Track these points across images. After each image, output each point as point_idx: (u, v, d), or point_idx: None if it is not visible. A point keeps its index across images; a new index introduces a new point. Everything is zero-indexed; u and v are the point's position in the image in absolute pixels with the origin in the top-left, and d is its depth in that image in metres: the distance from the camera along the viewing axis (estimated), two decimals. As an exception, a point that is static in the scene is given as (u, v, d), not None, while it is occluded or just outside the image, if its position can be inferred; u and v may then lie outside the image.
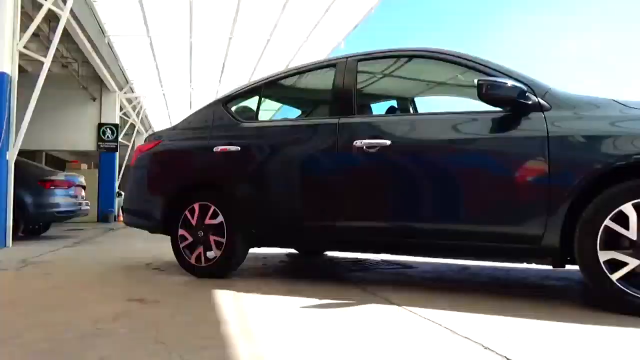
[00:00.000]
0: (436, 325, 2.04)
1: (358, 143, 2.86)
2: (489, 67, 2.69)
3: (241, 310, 2.39)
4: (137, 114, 15.79)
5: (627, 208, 2.17)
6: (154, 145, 3.84)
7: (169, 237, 3.57)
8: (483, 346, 1.74)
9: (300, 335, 1.95)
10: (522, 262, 2.62)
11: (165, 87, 14.25)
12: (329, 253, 4.78)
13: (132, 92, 14.35)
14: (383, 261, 4.24)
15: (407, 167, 2.76)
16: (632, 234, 2.16)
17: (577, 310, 2.34)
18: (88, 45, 9.74)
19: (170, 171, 3.70)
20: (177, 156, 3.71)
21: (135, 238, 7.19)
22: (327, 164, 3.00)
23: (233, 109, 3.67)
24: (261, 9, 9.16)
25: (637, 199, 2.16)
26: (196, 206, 3.42)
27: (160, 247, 5.33)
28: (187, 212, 3.45)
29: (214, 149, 3.41)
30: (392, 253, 3.18)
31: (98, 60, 10.79)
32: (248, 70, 12.56)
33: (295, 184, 3.14)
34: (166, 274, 3.56)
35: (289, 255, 4.81)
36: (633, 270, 2.16)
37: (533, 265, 3.24)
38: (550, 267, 2.58)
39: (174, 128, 3.91)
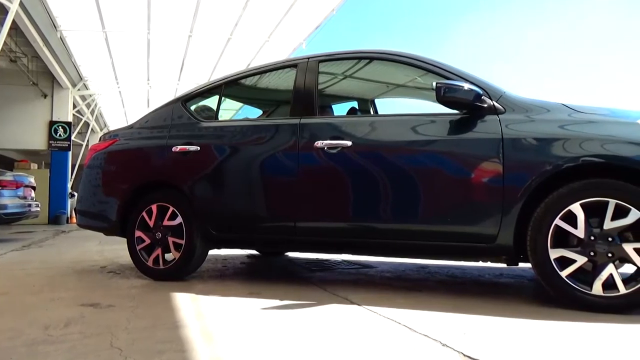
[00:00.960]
0: (395, 324, 2.07)
1: (319, 144, 2.87)
2: (447, 71, 2.76)
3: (200, 312, 2.35)
4: (92, 112, 15.24)
5: (576, 208, 2.27)
6: (109, 145, 3.72)
7: (125, 240, 3.47)
8: (441, 343, 1.78)
9: (260, 337, 1.93)
10: (478, 260, 2.70)
11: (122, 84, 13.83)
12: (290, 254, 4.77)
13: (87, 89, 13.85)
14: (344, 261, 4.26)
15: (367, 168, 2.79)
16: (580, 232, 2.26)
17: (530, 306, 2.43)
18: (38, 39, 9.34)
19: (126, 171, 3.59)
20: (133, 156, 3.60)
21: (89, 240, 6.94)
22: (288, 165, 2.99)
23: (192, 108, 3.60)
24: (222, 6, 9.05)
25: (585, 199, 2.26)
26: (154, 207, 3.33)
27: (115, 249, 5.17)
28: (144, 214, 3.36)
29: (173, 149, 3.34)
30: (352, 253, 3.21)
31: (49, 55, 10.35)
32: (208, 69, 12.37)
33: (256, 184, 3.11)
34: (122, 278, 3.45)
35: (249, 256, 4.77)
36: (581, 267, 2.27)
37: (488, 264, 3.35)
38: (504, 265, 2.67)
39: (131, 127, 3.80)
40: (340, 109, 3.83)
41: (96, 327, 2.06)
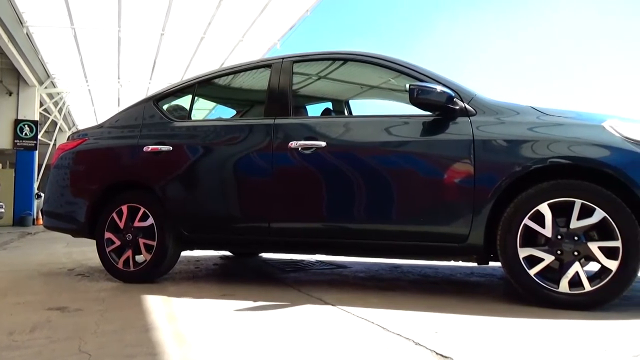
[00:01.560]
0: (369, 323, 2.08)
1: (293, 144, 2.86)
2: (420, 73, 2.79)
3: (172, 315, 2.31)
4: (59, 111, 14.83)
5: (543, 208, 2.33)
6: (78, 144, 3.63)
7: (94, 241, 3.38)
8: (414, 342, 1.80)
9: (234, 339, 1.91)
10: (450, 259, 2.74)
11: (91, 82, 13.51)
12: (264, 254, 4.75)
13: (54, 87, 13.47)
14: (318, 262, 4.27)
15: (341, 169, 2.80)
16: (547, 231, 2.33)
17: (500, 304, 2.48)
18: (3, 35, 9.04)
19: (96, 171, 3.51)
20: (103, 155, 3.52)
21: (56, 242, 6.75)
22: (262, 165, 2.98)
23: (165, 107, 3.55)
24: (195, 5, 8.94)
25: (552, 199, 2.33)
26: (124, 208, 3.27)
27: (84, 251, 5.05)
28: (114, 215, 3.29)
29: (144, 149, 3.28)
30: (327, 253, 3.21)
31: (15, 52, 10.03)
32: (181, 68, 12.21)
33: (230, 185, 3.08)
34: (91, 280, 3.37)
35: (223, 257, 4.73)
36: (548, 265, 2.33)
37: (460, 263, 3.40)
38: (475, 264, 2.72)
39: (101, 126, 3.71)
40: (314, 110, 3.83)
41: (63, 332, 2.00)
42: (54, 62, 11.84)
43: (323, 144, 2.81)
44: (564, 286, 2.28)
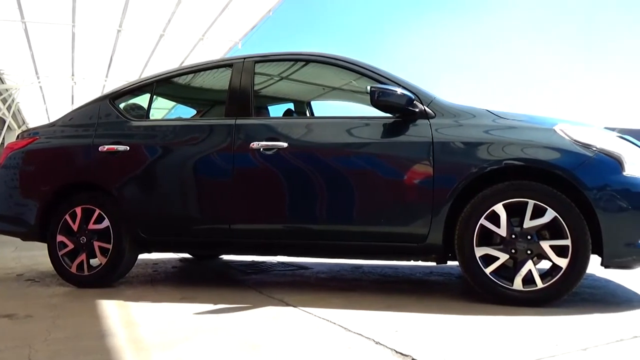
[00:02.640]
0: (331, 324, 2.09)
1: (255, 145, 2.84)
2: (381, 75, 2.83)
3: (129, 320, 2.25)
4: (8, 108, 14.15)
5: (499, 208, 2.41)
6: (28, 143, 3.47)
7: (45, 245, 3.24)
8: (374, 341, 1.82)
9: (193, 343, 1.88)
10: (409, 259, 2.79)
11: (43, 79, 12.97)
12: (225, 256, 4.69)
13: (2, 83, 12.85)
14: (280, 263, 4.25)
15: (303, 170, 2.80)
16: (502, 231, 2.40)
17: (457, 302, 2.54)
18: (-54, 27, 8.56)
19: (47, 172, 3.36)
20: (56, 155, 3.38)
21: (4, 246, 6.43)
22: (222, 166, 2.94)
23: (122, 106, 3.44)
24: (154, 2, 8.74)
25: (507, 199, 2.41)
26: (78, 210, 3.15)
27: (34, 255, 4.83)
28: (67, 217, 3.17)
29: (100, 148, 3.17)
30: (289, 255, 3.21)
31: (-41, 46, 9.51)
32: (139, 66, 11.91)
33: (190, 186, 3.03)
34: (41, 286, 3.23)
35: (182, 260, 4.63)
36: (503, 264, 2.41)
37: (419, 262, 3.47)
38: (434, 264, 2.78)
39: (53, 124, 3.57)
40: (276, 111, 3.82)
41: (12, 340, 1.91)
42: (3, 57, 11.30)
43: (285, 144, 2.80)
44: (517, 284, 2.36)
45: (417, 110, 2.64)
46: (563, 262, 2.32)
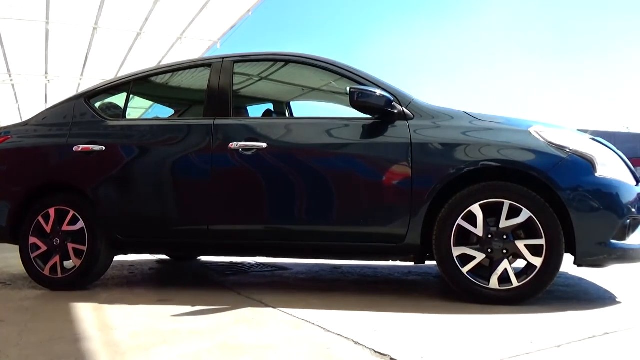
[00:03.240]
0: (310, 325, 2.09)
1: (234, 145, 2.82)
2: (360, 76, 2.84)
3: (105, 323, 2.20)
4: (-21, 107, 13.76)
5: (475, 208, 2.45)
6: (-1, 142, 3.38)
7: (17, 247, 3.16)
8: (354, 341, 1.83)
9: (170, 346, 1.85)
10: (388, 259, 2.81)
11: (16, 77, 12.63)
12: (203, 258, 4.64)
13: (-28, 81, 12.49)
14: (258, 264, 4.23)
15: (282, 170, 2.80)
16: (479, 231, 2.44)
17: (435, 301, 2.57)
18: None
19: (19, 172, 3.28)
20: (28, 155, 3.30)
21: (-26, 249, 6.24)
22: (201, 166, 2.91)
23: (97, 105, 3.38)
24: None
25: (483, 200, 2.45)
26: (52, 211, 3.08)
27: (5, 258, 4.69)
28: (40, 218, 3.09)
29: (74, 148, 3.11)
30: (268, 256, 3.19)
31: None
32: (115, 65, 11.71)
33: (167, 186, 2.99)
34: (13, 289, 3.14)
35: (159, 261, 4.57)
36: (480, 263, 2.45)
37: (398, 262, 3.49)
38: (412, 264, 2.81)
39: (25, 124, 3.48)
40: (255, 111, 3.80)
41: (-19, 345, 1.85)
42: (-28, 54, 10.98)
43: (264, 145, 2.79)
44: (494, 283, 2.40)
45: (395, 111, 2.66)
46: (538, 261, 2.37)
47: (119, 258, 3.78)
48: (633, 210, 2.43)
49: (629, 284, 3.03)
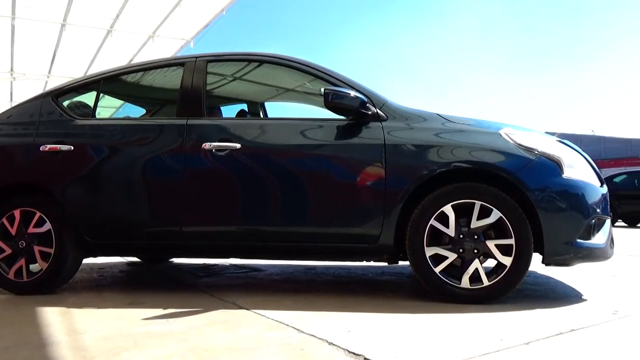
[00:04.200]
0: (284, 326, 2.08)
1: (207, 145, 2.79)
2: (334, 77, 2.85)
3: (73, 328, 2.15)
4: (-61, 104, 13.22)
5: (447, 209, 2.49)
6: (-40, 142, 3.25)
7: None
8: (328, 342, 1.83)
9: (142, 350, 1.82)
10: (362, 260, 2.83)
11: (-22, 74, 12.19)
12: (176, 260, 4.57)
13: None
14: (232, 265, 4.19)
15: (256, 171, 2.78)
16: (451, 231, 2.48)
17: (408, 300, 2.60)
18: None
19: (-18, 172, 3.16)
20: (-8, 155, 3.19)
21: None
22: (173, 167, 2.87)
23: (65, 103, 3.29)
24: (101, -4, 8.42)
25: (455, 200, 2.49)
26: (17, 213, 2.98)
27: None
28: (4, 220, 2.99)
29: (41, 148, 3.01)
30: (241, 257, 3.17)
31: None
32: (85, 62, 11.42)
33: (139, 187, 2.93)
34: (-24, 293, 3.03)
35: (130, 264, 4.48)
36: (452, 263, 2.49)
37: (372, 263, 3.52)
38: (386, 264, 2.83)
39: (-11, 122, 3.36)
40: (229, 111, 3.77)
41: (-59, 352, 1.78)
42: None
43: (238, 145, 2.77)
44: (465, 282, 2.45)
45: (369, 112, 2.68)
46: (507, 261, 2.42)
47: (88, 261, 3.70)
48: (598, 210, 2.52)
49: (594, 282, 3.13)
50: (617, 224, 11.51)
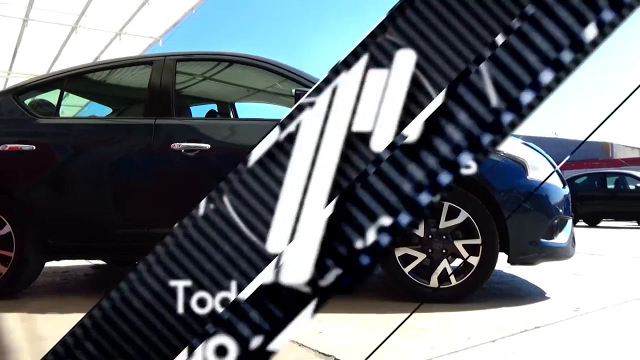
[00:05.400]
0: (254, 328, 2.07)
1: (176, 146, 2.75)
2: (305, 78, 2.85)
3: (35, 334, 2.07)
4: None
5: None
6: None
7: None
8: (298, 343, 1.83)
9: (107, 354, 1.77)
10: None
11: None
12: (144, 262, 4.48)
13: None
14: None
15: (226, 172, 2.75)
16: (420, 232, 2.52)
17: (378, 301, 2.62)
18: None
19: (-63, 173, 3.02)
20: (-53, 154, 3.05)
21: None
22: (141, 167, 2.82)
23: (27, 102, 3.18)
24: (65, -8, 8.18)
25: (424, 201, 2.52)
26: (-26, 215, 2.86)
27: None
28: (-39, 222, 2.87)
29: (1, 147, 2.90)
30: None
31: None
32: (48, 60, 11.06)
33: (105, 188, 2.86)
34: None
35: (95, 267, 4.36)
36: (421, 263, 2.52)
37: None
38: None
39: (-55, 120, 3.21)
40: (198, 111, 3.72)
41: None
42: None
43: (207, 146, 2.74)
44: (434, 282, 2.49)
45: (340, 114, 2.69)
46: (474, 260, 2.47)
47: (50, 264, 3.58)
48: (560, 210, 2.60)
49: (556, 280, 3.23)
50: (578, 223, 11.92)
